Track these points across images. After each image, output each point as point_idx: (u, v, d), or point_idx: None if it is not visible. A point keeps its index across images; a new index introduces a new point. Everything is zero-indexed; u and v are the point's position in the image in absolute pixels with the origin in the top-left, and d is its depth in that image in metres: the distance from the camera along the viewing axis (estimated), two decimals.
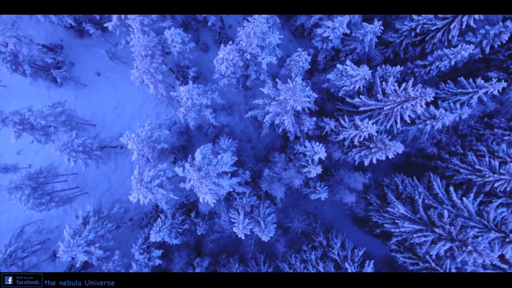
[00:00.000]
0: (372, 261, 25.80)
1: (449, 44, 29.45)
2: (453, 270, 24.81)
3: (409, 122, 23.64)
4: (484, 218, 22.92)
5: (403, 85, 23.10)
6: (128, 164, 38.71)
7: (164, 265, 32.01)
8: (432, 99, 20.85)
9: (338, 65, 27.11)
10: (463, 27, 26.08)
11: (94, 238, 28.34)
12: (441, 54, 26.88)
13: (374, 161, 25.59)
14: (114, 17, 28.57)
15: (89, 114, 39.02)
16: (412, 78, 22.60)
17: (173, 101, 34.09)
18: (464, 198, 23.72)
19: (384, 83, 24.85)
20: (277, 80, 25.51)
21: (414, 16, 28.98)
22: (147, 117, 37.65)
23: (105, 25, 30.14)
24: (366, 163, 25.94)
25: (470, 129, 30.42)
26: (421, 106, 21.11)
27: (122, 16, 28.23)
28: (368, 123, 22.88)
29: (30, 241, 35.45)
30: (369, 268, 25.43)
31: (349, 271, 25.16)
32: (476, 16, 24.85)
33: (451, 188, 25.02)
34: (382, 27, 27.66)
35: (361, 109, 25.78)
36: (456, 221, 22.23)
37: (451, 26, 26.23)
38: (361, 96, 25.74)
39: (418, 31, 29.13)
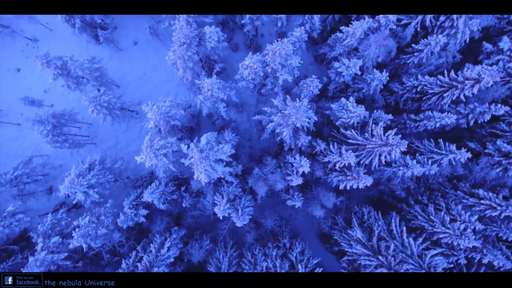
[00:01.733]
0: (321, 268, 29.80)
1: (442, 108, 33.61)
2: None
3: (384, 163, 27.68)
4: (422, 259, 26.95)
5: (389, 131, 27.16)
6: (138, 129, 42.72)
7: (146, 224, 35.97)
8: (406, 149, 24.92)
9: (343, 99, 31.21)
10: (454, 97, 30.19)
11: (94, 183, 32.28)
12: (430, 115, 31.00)
13: (348, 187, 29.60)
14: None
15: (117, 76, 43.01)
16: (396, 129, 26.60)
17: (194, 87, 38.21)
18: (411, 239, 27.78)
19: (374, 125, 28.95)
20: (287, 96, 29.62)
21: (419, 77, 33.21)
22: (167, 94, 41.73)
23: None
24: (341, 187, 29.95)
25: (438, 185, 34.50)
26: (395, 152, 25.16)
27: None
28: (350, 154, 26.91)
29: (35, 171, 39.41)
30: None
31: (299, 271, 29.12)
32: (467, 92, 28.97)
33: (404, 228, 29.11)
34: (388, 78, 31.84)
35: (350, 141, 29.86)
36: (398, 255, 26.26)
37: (445, 95, 30.36)
38: (353, 130, 29.82)
39: (418, 89, 33.34)
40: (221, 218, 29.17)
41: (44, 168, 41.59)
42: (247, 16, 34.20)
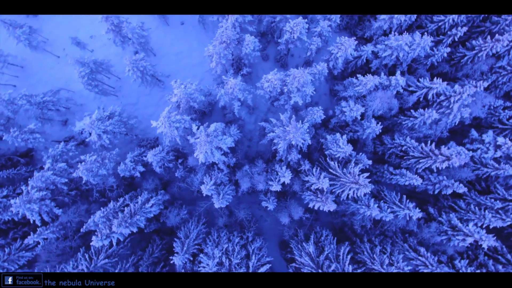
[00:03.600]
0: (270, 265, 34.50)
1: (417, 171, 38.47)
2: None
3: (352, 198, 32.47)
4: None
5: (363, 174, 31.96)
6: (158, 97, 47.40)
7: (138, 180, 40.62)
8: (371, 192, 29.72)
9: (338, 134, 36.02)
10: (427, 165, 35.06)
11: (109, 130, 36.94)
12: (403, 173, 35.86)
13: (316, 208, 34.36)
14: None
15: (157, 46, 47.76)
16: (368, 173, 31.44)
17: (219, 79, 42.98)
18: (351, 267, 32.56)
19: (355, 164, 33.78)
20: (294, 115, 34.42)
21: (408, 139, 38.10)
22: (194, 76, 46.47)
23: None
24: (310, 205, 34.70)
25: (392, 233, 39.32)
26: (361, 192, 29.98)
27: None
28: (326, 181, 31.70)
29: (59, 102, 44.06)
30: (263, 269, 33.83)
31: (252, 260, 33.71)
32: (438, 165, 33.85)
33: (349, 257, 33.88)
34: (380, 130, 36.73)
35: (331, 170, 34.68)
36: None
37: (421, 161, 35.26)
38: (337, 163, 34.63)
39: (403, 149, 38.25)
40: (204, 195, 33.87)
41: (67, 101, 46.12)
42: (284, 37, 39.01)
